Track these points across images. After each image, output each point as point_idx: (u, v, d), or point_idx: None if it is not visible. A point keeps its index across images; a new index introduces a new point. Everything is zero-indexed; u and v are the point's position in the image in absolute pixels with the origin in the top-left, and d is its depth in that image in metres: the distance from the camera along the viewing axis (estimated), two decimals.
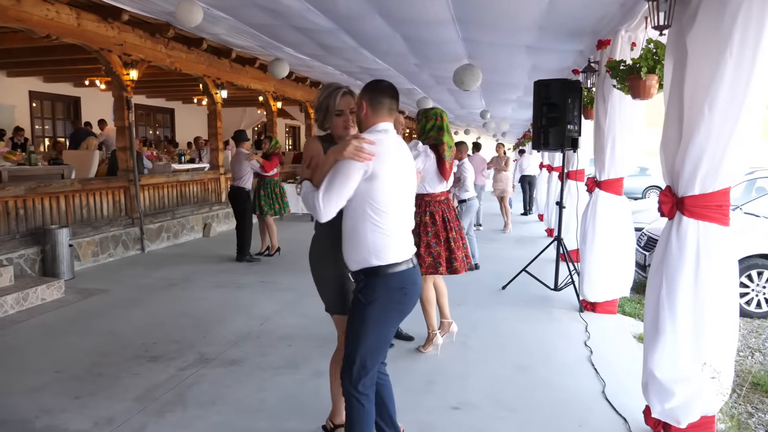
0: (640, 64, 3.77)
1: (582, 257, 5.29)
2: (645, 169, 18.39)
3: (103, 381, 3.59)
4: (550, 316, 5.13)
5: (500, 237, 9.91)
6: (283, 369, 3.81)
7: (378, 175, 2.20)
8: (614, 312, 5.27)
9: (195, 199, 9.53)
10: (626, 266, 5.12)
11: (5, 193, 5.89)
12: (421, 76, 9.89)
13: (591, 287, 5.20)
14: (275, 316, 4.98)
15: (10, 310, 4.94)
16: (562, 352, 4.21)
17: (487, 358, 4.05)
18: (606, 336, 4.60)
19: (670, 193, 2.78)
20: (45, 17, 6.19)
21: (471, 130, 29.18)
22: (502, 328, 4.77)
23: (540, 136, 5.64)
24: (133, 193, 7.79)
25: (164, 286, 6.01)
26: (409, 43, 6.87)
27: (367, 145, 2.19)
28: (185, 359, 3.96)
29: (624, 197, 5.05)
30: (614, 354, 4.20)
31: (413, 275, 2.35)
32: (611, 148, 4.85)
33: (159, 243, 8.34)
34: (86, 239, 6.90)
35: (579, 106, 5.57)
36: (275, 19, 6.54)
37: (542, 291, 5.85)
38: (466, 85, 7.59)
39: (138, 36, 7.77)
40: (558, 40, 5.63)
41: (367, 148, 2.18)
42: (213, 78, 9.87)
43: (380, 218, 2.23)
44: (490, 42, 6.34)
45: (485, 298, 5.72)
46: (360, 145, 2.18)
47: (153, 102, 16.30)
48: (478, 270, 6.81)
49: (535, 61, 6.99)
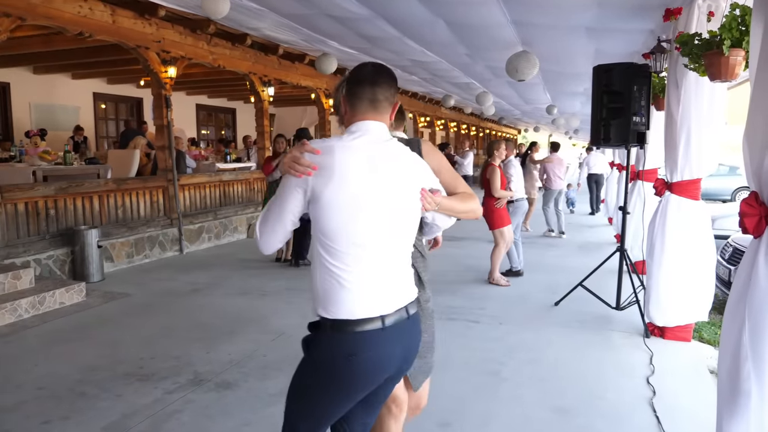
0: (722, 36, 2.98)
1: (648, 272, 4.47)
2: (735, 168, 16.63)
3: (81, 403, 3.25)
4: (607, 342, 4.36)
5: (561, 242, 9.03)
6: (278, 399, 3.32)
7: (320, 197, 1.60)
8: (688, 339, 4.41)
9: (239, 200, 9.32)
10: (704, 284, 4.25)
11: (34, 192, 5.81)
12: (476, 68, 9.19)
13: (659, 308, 4.37)
14: (290, 331, 4.51)
15: (25, 314, 4.78)
16: (617, 391, 3.47)
17: (521, 395, 3.38)
18: (675, 371, 3.80)
19: (756, 202, 2.03)
20: (77, 14, 6.07)
21: (541, 128, 27.88)
22: (546, 355, 4.06)
23: (599, 129, 4.85)
24: (171, 193, 7.63)
25: (187, 292, 5.72)
26: (453, 29, 6.23)
27: (309, 155, 1.61)
28: (177, 379, 3.57)
29: (701, 202, 4.20)
30: (684, 396, 3.41)
31: (378, 341, 1.65)
32: (685, 143, 4.03)
33: (199, 244, 8.15)
34: (120, 240, 6.77)
35: (647, 94, 4.73)
36: (308, 8, 6.11)
37: (602, 309, 5.05)
38: (521, 74, 6.85)
39: (178, 32, 7.60)
40: (621, 18, 4.82)
41: (306, 158, 1.60)
42: (260, 75, 9.63)
43: (330, 257, 1.63)
44: (544, 24, 5.60)
45: (532, 315, 5.00)
46: (296, 155, 1.61)
47: (215, 102, 16.49)
48: (522, 277, 6.13)
49: (598, 45, 6.16)
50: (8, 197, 5.49)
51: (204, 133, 16.69)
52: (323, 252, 1.64)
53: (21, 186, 5.81)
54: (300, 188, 1.62)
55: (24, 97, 10.71)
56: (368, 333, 1.64)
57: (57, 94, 11.37)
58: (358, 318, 1.64)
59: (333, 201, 1.60)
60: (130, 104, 13.72)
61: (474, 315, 4.96)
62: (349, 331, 1.64)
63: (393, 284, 1.71)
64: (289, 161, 1.61)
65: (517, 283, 6.16)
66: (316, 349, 1.70)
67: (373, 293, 1.66)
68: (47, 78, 10.94)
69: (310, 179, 1.60)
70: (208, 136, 16.53)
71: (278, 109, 17.65)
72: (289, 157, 1.61)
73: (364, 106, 1.73)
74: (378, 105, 1.73)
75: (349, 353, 1.63)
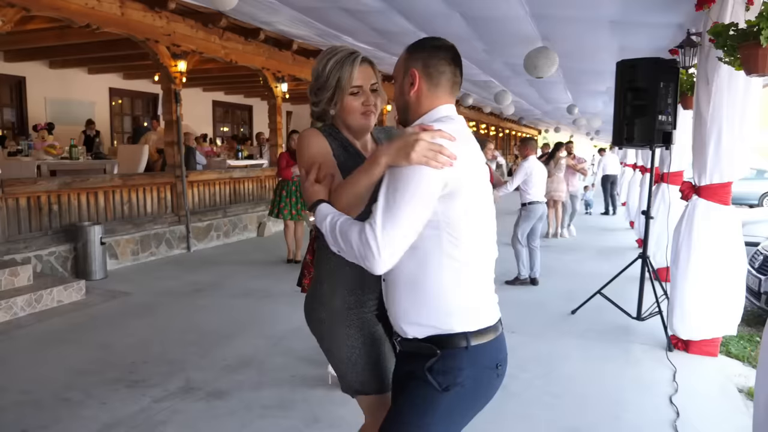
0: (761, 25, 2.70)
1: (672, 281, 4.19)
2: (763, 171, 16.05)
3: (63, 410, 3.08)
4: (627, 356, 4.08)
5: (579, 246, 8.70)
6: (271, 410, 3.12)
7: (461, 190, 1.38)
8: (715, 354, 4.10)
9: (250, 197, 9.17)
10: (733, 295, 3.95)
11: (37, 187, 5.71)
12: (494, 66, 8.90)
13: (683, 320, 4.08)
14: (291, 336, 4.31)
15: (20, 312, 4.65)
16: (637, 411, 3.19)
17: (530, 414, 3.13)
18: (700, 389, 3.51)
19: None
20: (84, 5, 5.95)
21: (561, 128, 27.37)
22: (561, 369, 3.79)
23: (622, 129, 4.56)
24: (180, 189, 7.49)
25: (188, 292, 5.56)
26: (470, 22, 5.97)
27: (447, 141, 1.34)
28: (167, 387, 3.38)
29: (732, 207, 3.90)
30: (711, 418, 3.12)
31: (504, 343, 1.56)
32: (716, 144, 3.74)
33: (207, 242, 8.01)
34: (125, 237, 6.65)
35: (674, 91, 4.42)
36: (321, 1, 5.91)
37: (622, 319, 4.75)
38: (540, 71, 6.58)
39: (189, 26, 7.46)
40: (648, 10, 4.53)
41: (446, 146, 1.33)
42: (273, 71, 9.47)
43: (466, 258, 1.43)
44: (565, 17, 5.31)
45: (547, 325, 4.73)
46: (436, 143, 1.33)
47: (231, 99, 16.41)
48: (537, 286, 5.86)
49: (622, 40, 5.85)
50: (9, 192, 5.38)
51: (224, 130, 16.64)
52: (456, 252, 1.41)
53: (23, 180, 5.71)
54: (442, 182, 1.34)
55: (40, 92, 10.70)
56: (500, 338, 1.53)
57: (73, 89, 11.35)
58: (494, 323, 1.51)
59: (472, 195, 1.42)
60: (146, 100, 13.68)
61: None
62: (493, 338, 1.49)
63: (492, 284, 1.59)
64: (425, 150, 1.31)
65: (533, 289, 5.88)
66: (459, 372, 1.43)
67: (494, 296, 1.55)
68: (63, 72, 10.91)
69: (450, 171, 1.34)
70: (225, 133, 16.45)
71: (295, 107, 17.53)
72: (426, 146, 1.31)
73: (449, 87, 1.49)
74: (456, 89, 1.52)
75: (496, 364, 1.49)
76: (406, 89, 1.50)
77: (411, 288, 1.45)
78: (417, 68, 1.47)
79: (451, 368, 1.43)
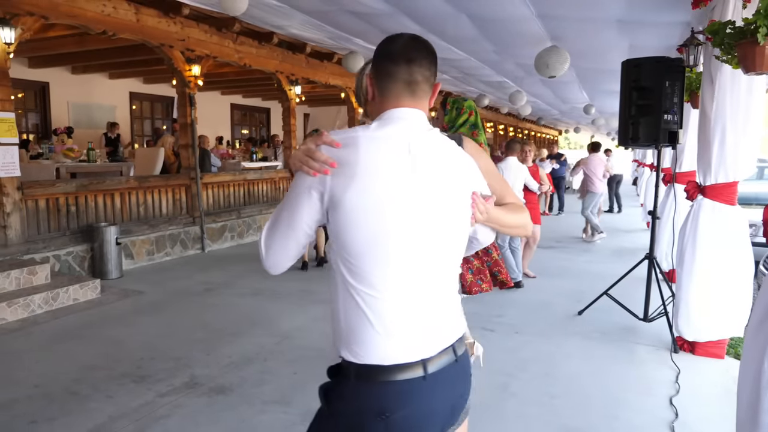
0: (758, 23, 2.68)
1: (678, 282, 4.15)
2: None
3: (72, 403, 3.19)
4: (631, 357, 4.05)
5: (593, 247, 8.62)
6: (272, 405, 3.19)
7: (341, 202, 1.22)
8: (721, 356, 4.05)
9: (264, 199, 9.30)
10: (739, 296, 3.89)
11: (55, 189, 5.89)
12: (506, 66, 8.89)
13: (688, 322, 4.04)
14: (296, 334, 4.39)
15: (38, 309, 4.81)
16: (635, 411, 3.18)
17: (529, 413, 3.14)
18: (702, 391, 3.47)
19: None
20: (101, 13, 6.12)
21: (581, 128, 27.08)
22: (562, 369, 3.79)
23: (628, 128, 4.54)
24: (194, 191, 7.64)
25: (199, 291, 5.68)
26: (477, 24, 5.99)
27: (326, 148, 1.25)
28: (172, 382, 3.48)
29: (738, 207, 3.86)
30: (710, 420, 3.09)
31: (418, 394, 1.28)
32: (720, 143, 3.70)
33: (221, 243, 8.15)
34: (141, 238, 6.80)
35: (680, 90, 4.39)
36: (327, 4, 5.99)
37: (628, 321, 4.72)
38: (551, 70, 6.56)
39: (203, 31, 7.61)
40: (653, 9, 4.51)
41: (321, 152, 1.24)
42: (287, 74, 9.59)
43: (356, 281, 1.25)
44: (571, 17, 5.30)
45: (552, 325, 4.72)
46: (310, 147, 1.25)
47: (249, 102, 16.63)
48: (547, 283, 5.84)
49: (631, 40, 5.81)
50: (29, 193, 5.57)
51: (243, 132, 16.86)
52: (347, 275, 1.26)
53: (42, 183, 5.90)
54: (315, 190, 1.24)
55: (63, 97, 11.00)
56: (406, 384, 1.27)
57: (94, 93, 11.65)
58: (393, 363, 1.26)
59: (358, 207, 1.22)
60: (165, 103, 13.94)
61: (491, 323, 4.71)
62: (382, 380, 1.26)
63: (437, 317, 1.33)
64: (301, 155, 1.24)
65: (540, 289, 5.87)
66: (339, 402, 1.31)
67: (413, 330, 1.28)
68: (85, 78, 11.20)
69: (328, 179, 1.22)
70: (243, 136, 16.67)
71: (312, 109, 17.69)
72: (302, 150, 1.25)
73: (398, 88, 1.33)
74: (416, 88, 1.33)
75: (380, 411, 1.25)
76: (368, 99, 1.40)
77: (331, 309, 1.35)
78: (371, 75, 1.38)
79: (337, 396, 1.31)
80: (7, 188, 5.30)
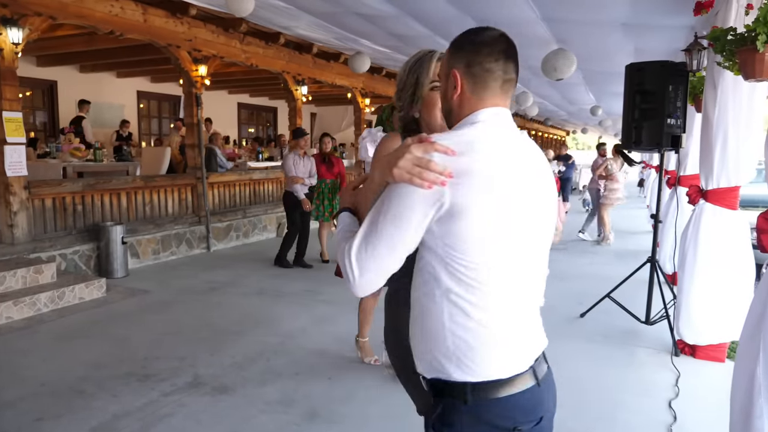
0: (757, 30, 2.70)
1: (679, 285, 4.16)
2: None
3: (78, 401, 3.25)
4: (631, 359, 4.07)
5: (598, 249, 8.63)
6: (273, 406, 3.23)
7: (461, 213, 1.13)
8: (722, 359, 4.06)
9: (270, 198, 9.35)
10: (740, 300, 3.89)
11: (62, 188, 5.95)
12: None
13: (689, 325, 4.06)
14: (300, 335, 4.43)
15: (44, 308, 4.87)
16: (633, 413, 3.20)
17: None
18: (702, 394, 3.49)
19: None
20: (108, 13, 6.17)
21: (589, 129, 27.00)
22: (562, 370, 3.73)
23: (631, 132, 4.55)
24: (200, 190, 7.69)
25: (204, 290, 5.73)
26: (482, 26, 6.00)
27: (439, 156, 1.13)
28: (176, 381, 3.53)
29: (739, 211, 3.86)
30: (708, 424, 3.11)
31: (536, 400, 1.26)
32: (722, 147, 3.71)
33: (227, 242, 8.20)
34: (146, 237, 6.86)
35: (684, 94, 4.39)
36: (334, 6, 6.02)
37: (630, 324, 4.73)
38: (559, 72, 6.56)
39: (210, 31, 7.65)
40: (658, 12, 4.51)
41: (437, 162, 1.12)
42: (293, 74, 9.63)
43: (468, 292, 1.18)
44: (576, 20, 5.31)
45: (553, 327, 4.63)
46: (424, 157, 1.13)
47: (256, 101, 16.68)
48: (550, 285, 5.79)
49: (637, 43, 5.81)
50: (36, 193, 5.63)
51: (250, 131, 16.93)
52: (454, 285, 1.18)
53: (48, 182, 5.96)
54: (433, 204, 1.13)
55: (71, 95, 11.07)
56: (528, 393, 1.23)
57: (102, 92, 11.72)
58: (512, 375, 1.21)
59: (482, 218, 1.14)
60: (173, 102, 14.01)
61: None
62: (502, 394, 1.20)
63: (535, 323, 1.31)
64: (410, 165, 1.12)
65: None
66: (457, 425, 1.22)
67: (522, 339, 1.25)
68: (93, 77, 11.28)
69: (446, 190, 1.12)
70: (250, 135, 16.74)
71: (320, 109, 17.73)
72: (410, 160, 1.12)
73: (498, 86, 1.24)
74: (509, 86, 1.27)
75: (511, 425, 1.21)
76: (449, 93, 1.29)
77: (417, 316, 1.26)
78: (459, 68, 1.25)
79: (451, 423, 1.22)
80: (14, 187, 5.36)
